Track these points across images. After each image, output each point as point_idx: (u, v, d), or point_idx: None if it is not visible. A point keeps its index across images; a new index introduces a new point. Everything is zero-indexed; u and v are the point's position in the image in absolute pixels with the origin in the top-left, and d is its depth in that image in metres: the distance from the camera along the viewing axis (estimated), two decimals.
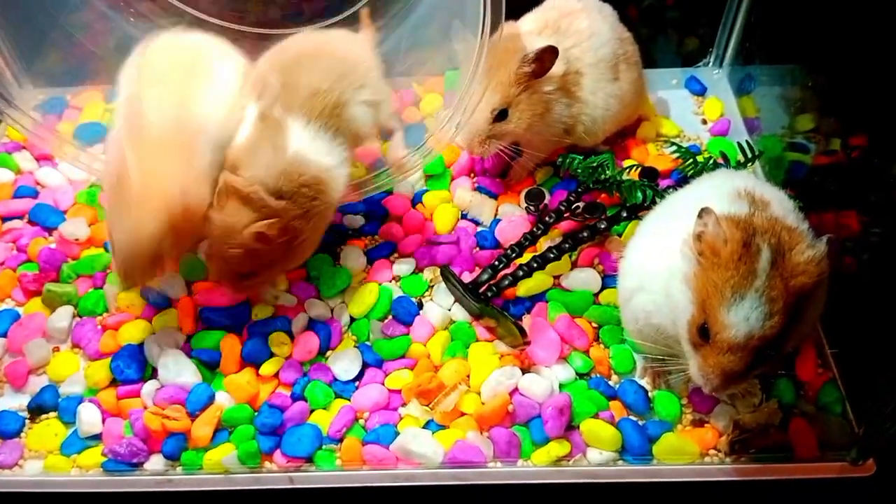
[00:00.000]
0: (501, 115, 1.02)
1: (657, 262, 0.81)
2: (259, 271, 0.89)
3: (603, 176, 1.07)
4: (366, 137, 1.00)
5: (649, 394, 0.92)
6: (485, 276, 0.99)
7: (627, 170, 1.10)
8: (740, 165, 1.08)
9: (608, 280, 1.01)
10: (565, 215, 1.04)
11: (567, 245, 1.00)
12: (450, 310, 0.99)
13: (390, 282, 1.02)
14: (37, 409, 0.92)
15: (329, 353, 0.96)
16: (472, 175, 1.15)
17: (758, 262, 0.72)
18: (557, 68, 1.02)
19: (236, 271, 0.88)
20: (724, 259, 0.72)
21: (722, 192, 0.81)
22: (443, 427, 0.89)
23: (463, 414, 0.90)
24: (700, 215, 0.75)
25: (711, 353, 0.73)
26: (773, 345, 0.73)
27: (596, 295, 1.00)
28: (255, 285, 0.93)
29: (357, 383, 0.93)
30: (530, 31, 1.06)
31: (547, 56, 1.00)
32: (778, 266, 0.71)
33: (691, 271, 0.75)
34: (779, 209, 0.79)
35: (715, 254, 0.73)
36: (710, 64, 1.34)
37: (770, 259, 0.71)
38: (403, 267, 1.03)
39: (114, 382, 0.93)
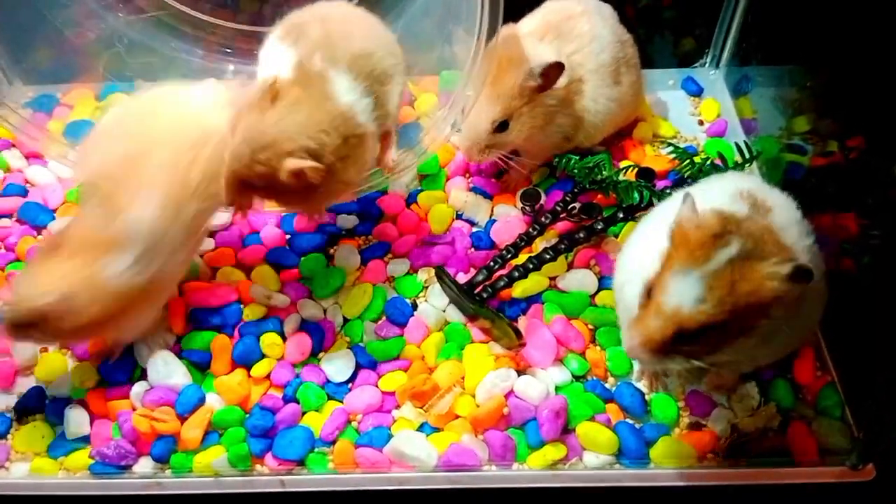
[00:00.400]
0: (502, 126, 1.01)
1: (648, 256, 0.80)
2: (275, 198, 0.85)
3: (599, 176, 1.06)
4: (390, 120, 0.96)
5: (646, 396, 0.91)
6: (480, 277, 0.98)
7: (624, 170, 1.10)
8: (737, 166, 1.07)
9: (604, 281, 1.00)
10: (561, 216, 1.03)
11: (563, 246, 0.99)
12: (444, 311, 0.98)
13: (384, 282, 1.01)
14: (24, 411, 0.90)
15: (322, 354, 0.95)
16: (467, 175, 1.14)
17: (718, 252, 0.71)
18: (560, 81, 1.01)
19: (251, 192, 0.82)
20: (690, 241, 0.72)
21: (725, 192, 0.81)
22: (437, 429, 0.88)
23: (457, 416, 0.88)
24: (683, 199, 0.75)
25: (643, 315, 0.73)
26: (698, 336, 0.71)
27: (592, 296, 0.99)
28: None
29: (350, 385, 0.92)
30: (531, 34, 1.05)
31: (553, 72, 0.99)
32: (736, 266, 0.70)
33: (665, 250, 0.75)
34: (779, 219, 0.78)
35: (684, 235, 0.73)
36: (707, 65, 1.33)
37: (732, 255, 0.70)
38: (398, 267, 1.02)
39: (102, 384, 0.92)
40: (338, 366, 0.92)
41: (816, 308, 0.82)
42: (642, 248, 0.83)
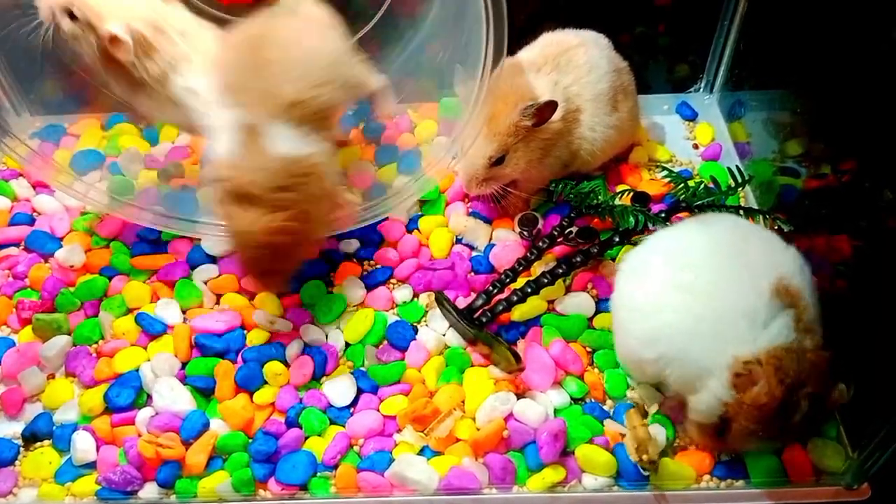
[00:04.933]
0: (499, 161, 1.03)
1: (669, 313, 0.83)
2: (284, 264, 0.90)
3: (595, 201, 1.08)
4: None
5: (647, 416, 0.91)
6: (479, 302, 0.99)
7: (619, 195, 1.11)
8: (731, 190, 1.08)
9: (602, 304, 1.01)
10: (559, 240, 1.05)
11: (561, 270, 1.01)
12: (444, 335, 1.00)
13: (389, 310, 1.03)
14: (31, 437, 0.92)
15: (324, 378, 0.96)
16: (466, 200, 1.16)
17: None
18: (556, 114, 1.03)
19: (266, 268, 0.89)
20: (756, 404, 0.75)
21: (760, 282, 0.80)
22: (438, 453, 0.89)
23: (458, 440, 0.89)
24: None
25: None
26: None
27: (590, 319, 1.00)
28: (285, 276, 0.94)
29: (352, 409, 0.93)
30: (530, 66, 1.07)
31: (546, 110, 1.01)
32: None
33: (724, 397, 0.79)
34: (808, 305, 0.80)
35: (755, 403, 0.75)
36: (701, 90, 1.35)
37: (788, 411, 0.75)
38: (400, 293, 1.04)
39: (108, 410, 0.93)
40: (340, 390, 0.94)
41: None
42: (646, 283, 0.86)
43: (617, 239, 1.04)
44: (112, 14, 0.89)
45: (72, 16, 0.90)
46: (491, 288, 1.00)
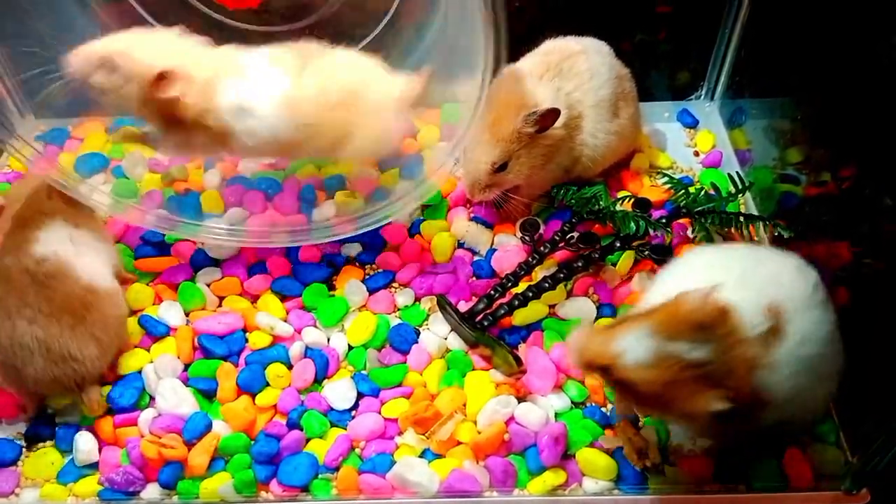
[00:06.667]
0: (502, 167, 1.04)
1: None
2: None
3: (597, 207, 1.09)
4: None
5: (640, 422, 0.92)
6: (481, 306, 1.00)
7: (621, 200, 1.12)
8: (731, 196, 1.09)
9: (603, 309, 1.02)
10: (560, 245, 1.05)
11: (562, 274, 1.01)
12: (446, 339, 1.00)
13: (391, 314, 1.03)
14: (34, 438, 0.92)
15: (325, 381, 0.96)
16: (468, 205, 1.17)
17: (688, 342, 0.72)
18: (559, 121, 1.04)
19: None
20: (682, 311, 0.73)
21: (756, 299, 0.77)
22: (439, 456, 0.90)
23: (459, 443, 0.90)
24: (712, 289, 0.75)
25: (597, 329, 0.78)
26: (627, 387, 0.75)
27: (591, 324, 1.01)
28: None
29: (353, 412, 0.94)
30: (531, 73, 1.08)
31: (549, 117, 1.02)
32: (688, 372, 0.71)
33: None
34: (785, 347, 0.76)
35: (683, 307, 0.74)
36: (702, 97, 1.36)
37: (694, 359, 0.72)
38: (402, 296, 1.04)
39: (110, 411, 0.93)
40: (341, 393, 0.94)
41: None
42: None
43: (618, 244, 1.05)
44: (152, 58, 0.90)
45: (109, 69, 0.90)
46: (492, 292, 1.01)
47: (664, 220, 1.05)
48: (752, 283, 0.79)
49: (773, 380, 0.75)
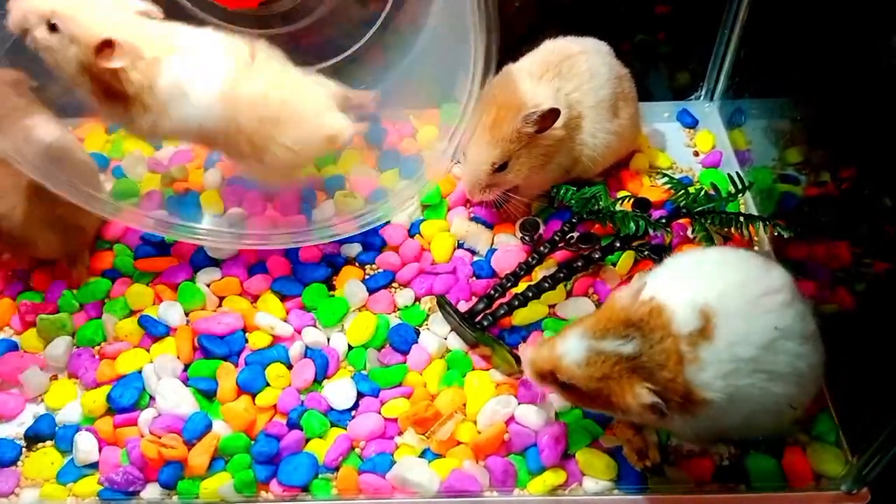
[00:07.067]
0: (502, 167, 1.04)
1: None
2: None
3: (596, 207, 1.09)
4: None
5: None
6: (481, 306, 1.00)
7: (620, 201, 1.12)
8: (731, 196, 1.09)
9: None
10: (560, 245, 1.06)
11: (562, 274, 1.01)
12: (446, 339, 1.00)
13: (391, 314, 1.03)
14: (33, 438, 0.92)
15: (325, 381, 0.96)
16: (468, 205, 1.17)
17: (617, 339, 0.76)
18: (559, 121, 1.04)
19: None
20: (610, 311, 0.78)
21: (694, 298, 0.79)
22: (439, 456, 0.90)
23: (459, 443, 0.90)
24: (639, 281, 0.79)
25: (543, 341, 0.82)
26: (567, 387, 0.78)
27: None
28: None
29: (353, 412, 0.94)
30: (531, 74, 1.08)
31: (549, 117, 1.02)
32: (621, 365, 0.75)
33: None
34: (717, 343, 0.77)
35: (612, 305, 0.78)
36: (702, 97, 1.36)
37: (624, 353, 0.75)
38: (402, 296, 1.04)
39: (110, 411, 0.93)
40: (341, 393, 0.94)
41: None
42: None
43: (618, 244, 1.05)
44: (99, 24, 0.87)
45: (51, 27, 0.86)
46: (492, 292, 1.01)
47: (664, 221, 1.05)
48: (696, 281, 0.81)
49: (705, 377, 0.76)
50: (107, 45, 0.86)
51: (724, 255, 0.91)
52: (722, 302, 0.78)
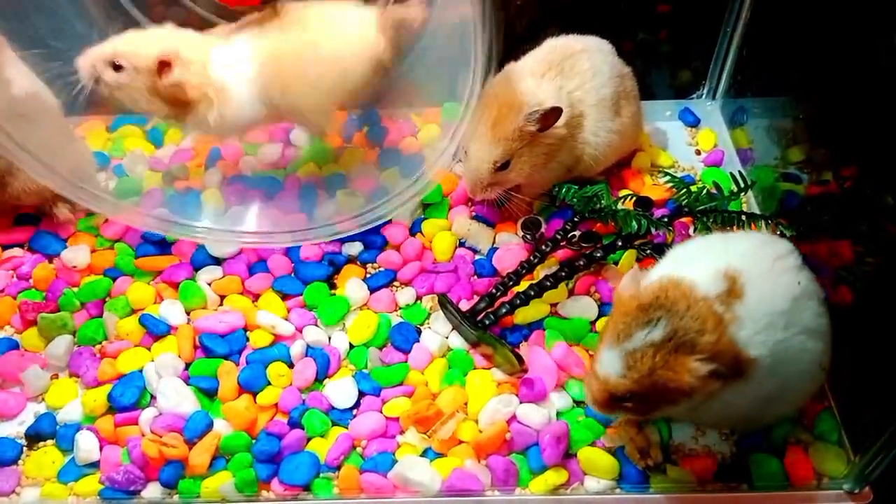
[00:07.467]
0: (504, 166, 1.04)
1: None
2: None
3: (598, 205, 1.08)
4: None
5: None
6: (482, 304, 1.00)
7: (622, 199, 1.12)
8: (733, 195, 1.09)
9: (605, 308, 1.02)
10: (561, 244, 1.05)
11: (563, 273, 1.01)
12: (447, 337, 1.00)
13: (392, 313, 1.03)
14: (34, 437, 0.92)
15: (326, 380, 0.96)
16: (469, 204, 1.17)
17: (641, 330, 0.75)
18: (561, 120, 1.03)
19: None
20: (620, 307, 0.78)
21: (712, 265, 0.79)
22: (440, 455, 0.89)
23: (460, 442, 0.90)
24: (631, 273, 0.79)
25: (589, 374, 0.81)
26: (630, 398, 0.77)
27: (593, 323, 1.01)
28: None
29: (355, 411, 0.93)
30: (534, 72, 1.08)
31: (551, 116, 1.01)
32: (660, 351, 0.74)
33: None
34: (748, 306, 0.77)
35: (619, 302, 0.78)
36: (704, 96, 1.36)
37: (655, 339, 0.74)
38: (403, 295, 1.04)
39: (111, 410, 0.93)
40: (342, 392, 0.94)
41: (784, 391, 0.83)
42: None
43: (620, 243, 1.04)
44: (152, 48, 0.94)
45: (116, 67, 0.94)
46: (494, 291, 1.01)
47: (666, 219, 1.05)
48: (708, 255, 0.82)
49: (745, 335, 0.76)
50: (165, 65, 0.94)
51: (728, 234, 0.93)
52: (743, 264, 0.79)
